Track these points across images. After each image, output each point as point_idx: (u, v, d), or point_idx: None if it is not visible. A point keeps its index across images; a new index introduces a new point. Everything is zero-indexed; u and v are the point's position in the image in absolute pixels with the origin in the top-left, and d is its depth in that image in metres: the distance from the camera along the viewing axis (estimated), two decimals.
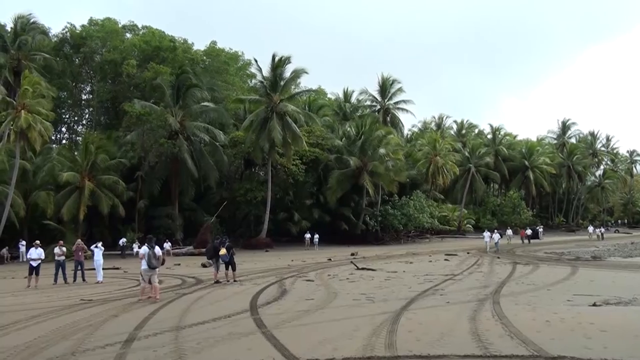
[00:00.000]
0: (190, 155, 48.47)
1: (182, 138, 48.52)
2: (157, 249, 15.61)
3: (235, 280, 20.19)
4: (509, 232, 57.57)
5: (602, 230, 65.43)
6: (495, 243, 40.64)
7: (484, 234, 44.07)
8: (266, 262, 31.75)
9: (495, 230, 44.43)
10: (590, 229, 66.44)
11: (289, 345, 8.80)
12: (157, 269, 15.52)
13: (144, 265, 15.45)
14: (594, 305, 13.13)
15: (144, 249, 15.56)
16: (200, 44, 64.54)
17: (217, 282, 19.91)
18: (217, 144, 51.42)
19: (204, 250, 31.36)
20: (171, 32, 61.90)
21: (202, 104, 52.12)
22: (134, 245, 40.62)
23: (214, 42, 65.33)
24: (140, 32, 63.20)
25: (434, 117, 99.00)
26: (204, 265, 28.58)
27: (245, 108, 56.71)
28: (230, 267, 20.32)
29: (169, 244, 42.90)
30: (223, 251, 20.03)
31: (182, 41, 62.51)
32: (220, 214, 48.21)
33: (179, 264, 32.32)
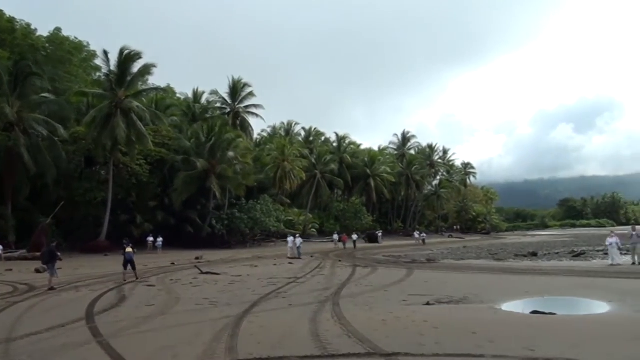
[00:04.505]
0: (26, 150, 44.80)
1: (18, 131, 44.64)
2: None
3: (117, 284, 20.20)
4: (335, 236, 60.49)
5: (424, 235, 71.45)
6: (298, 247, 40.26)
7: (288, 239, 43.92)
8: (105, 267, 30.15)
9: (298, 236, 44.67)
10: (416, 234, 71.75)
11: (126, 355, 8.58)
12: None
13: None
14: (428, 304, 14.21)
15: None
16: (44, 30, 59.45)
17: (51, 288, 18.82)
18: (56, 139, 47.73)
19: (38, 254, 29.43)
20: (13, 13, 56.35)
21: (42, 94, 48.26)
22: None
23: (58, 29, 60.38)
24: None
25: (284, 123, 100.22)
26: (37, 271, 26.56)
27: (88, 102, 53.52)
28: (130, 265, 21.80)
29: (0, 247, 39.59)
30: (129, 249, 21.94)
31: (24, 25, 57.62)
32: (57, 215, 45.13)
33: (11, 270, 29.49)
